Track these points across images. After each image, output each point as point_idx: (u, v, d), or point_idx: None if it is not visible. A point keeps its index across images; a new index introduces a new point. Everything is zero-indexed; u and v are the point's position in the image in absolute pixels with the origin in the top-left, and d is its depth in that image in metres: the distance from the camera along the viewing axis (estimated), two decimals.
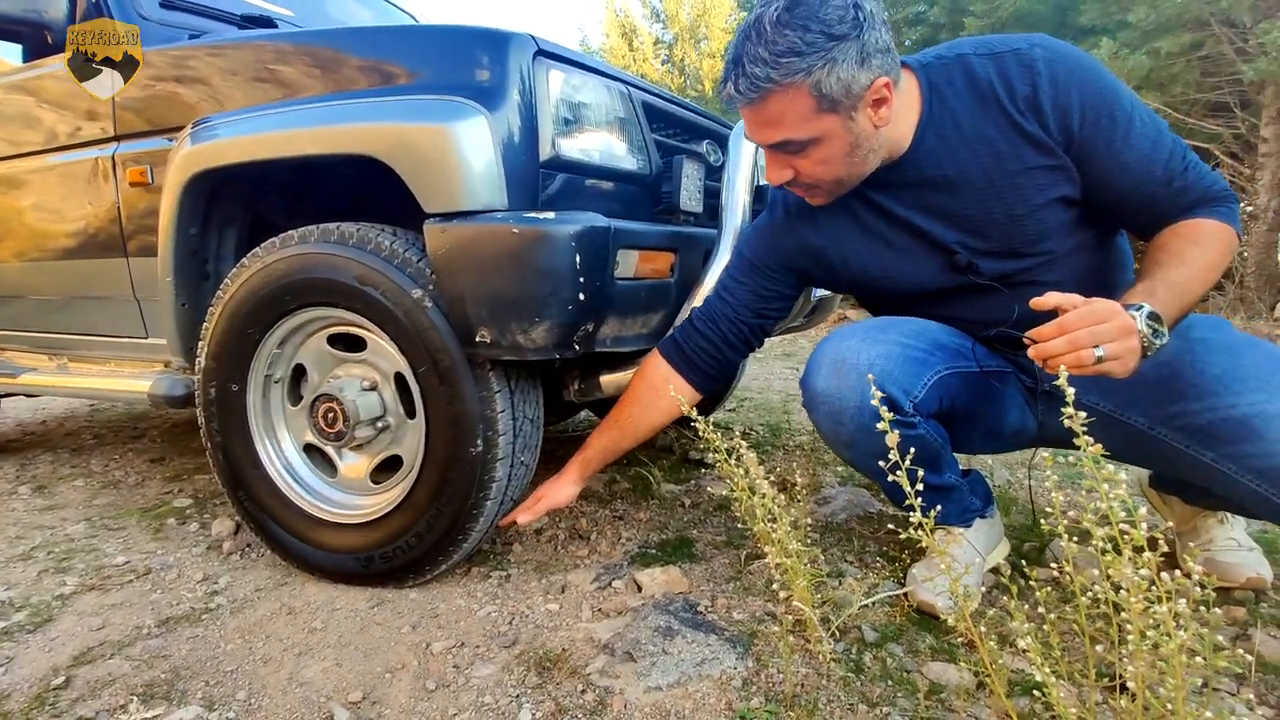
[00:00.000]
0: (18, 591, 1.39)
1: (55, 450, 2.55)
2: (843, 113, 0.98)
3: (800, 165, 1.05)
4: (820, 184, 1.09)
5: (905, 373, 1.10)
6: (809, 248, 1.24)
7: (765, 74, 0.95)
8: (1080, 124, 0.99)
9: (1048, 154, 1.02)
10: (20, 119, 1.77)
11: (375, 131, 1.18)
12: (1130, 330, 0.84)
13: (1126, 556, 0.59)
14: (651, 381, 1.30)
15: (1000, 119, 1.03)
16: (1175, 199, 1.00)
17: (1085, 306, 0.85)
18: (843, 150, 1.03)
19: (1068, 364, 0.82)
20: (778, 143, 1.03)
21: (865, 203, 1.16)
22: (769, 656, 1.05)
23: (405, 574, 1.32)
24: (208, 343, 1.39)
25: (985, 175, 1.05)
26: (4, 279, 1.92)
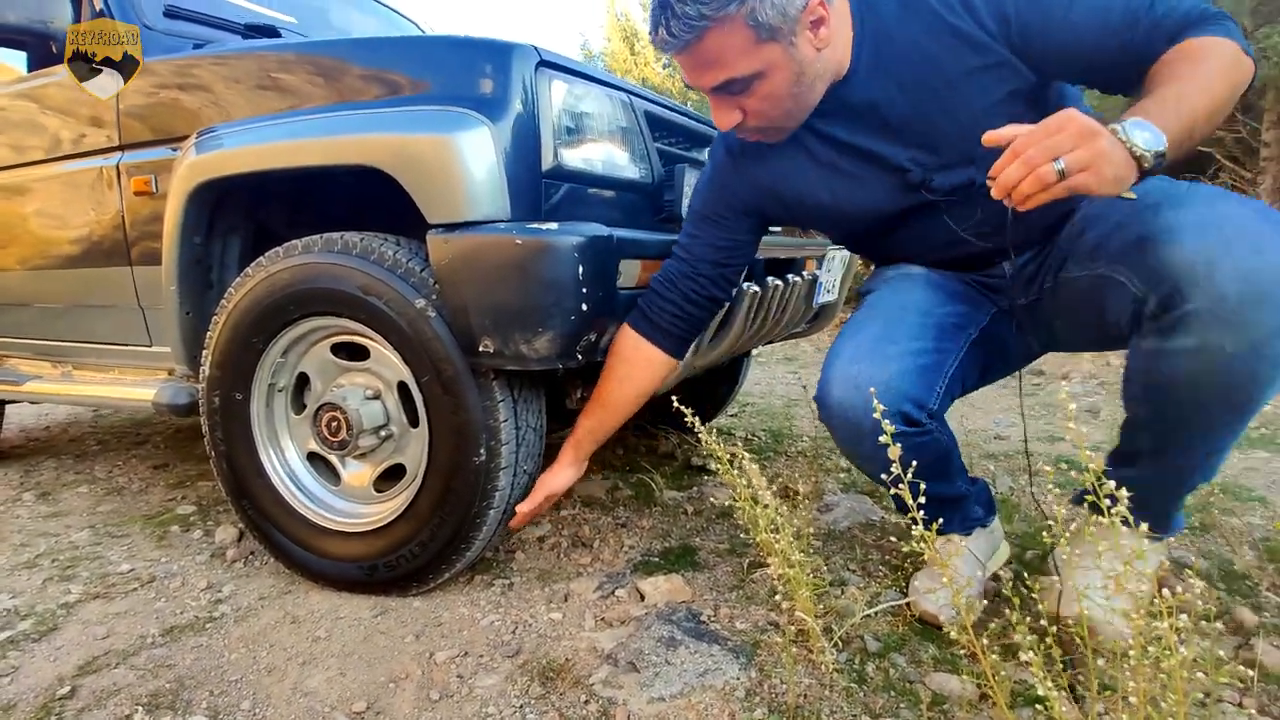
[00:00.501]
0: (23, 599, 1.40)
1: (59, 456, 2.56)
2: (782, 40, 0.94)
3: (748, 104, 1.01)
4: (770, 121, 1.05)
5: (918, 385, 1.08)
6: (761, 187, 1.20)
7: (697, 11, 0.90)
8: (1015, 5, 0.94)
9: (985, 51, 0.97)
10: (25, 128, 1.78)
11: (379, 142, 1.18)
12: (1093, 132, 0.75)
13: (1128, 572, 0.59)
14: (623, 354, 1.27)
15: (932, 22, 0.98)
16: (1149, 37, 0.90)
17: (1040, 123, 0.77)
18: (788, 81, 0.99)
19: (1030, 189, 0.76)
20: (721, 84, 0.99)
21: (813, 133, 1.12)
22: (772, 667, 1.05)
23: (409, 582, 1.33)
24: (212, 351, 1.39)
25: (925, 85, 1.01)
26: (8, 287, 1.93)
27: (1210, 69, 0.85)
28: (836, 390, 1.11)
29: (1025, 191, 0.76)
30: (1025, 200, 0.77)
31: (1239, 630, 1.13)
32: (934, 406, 1.09)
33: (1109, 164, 0.75)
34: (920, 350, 1.12)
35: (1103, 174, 0.75)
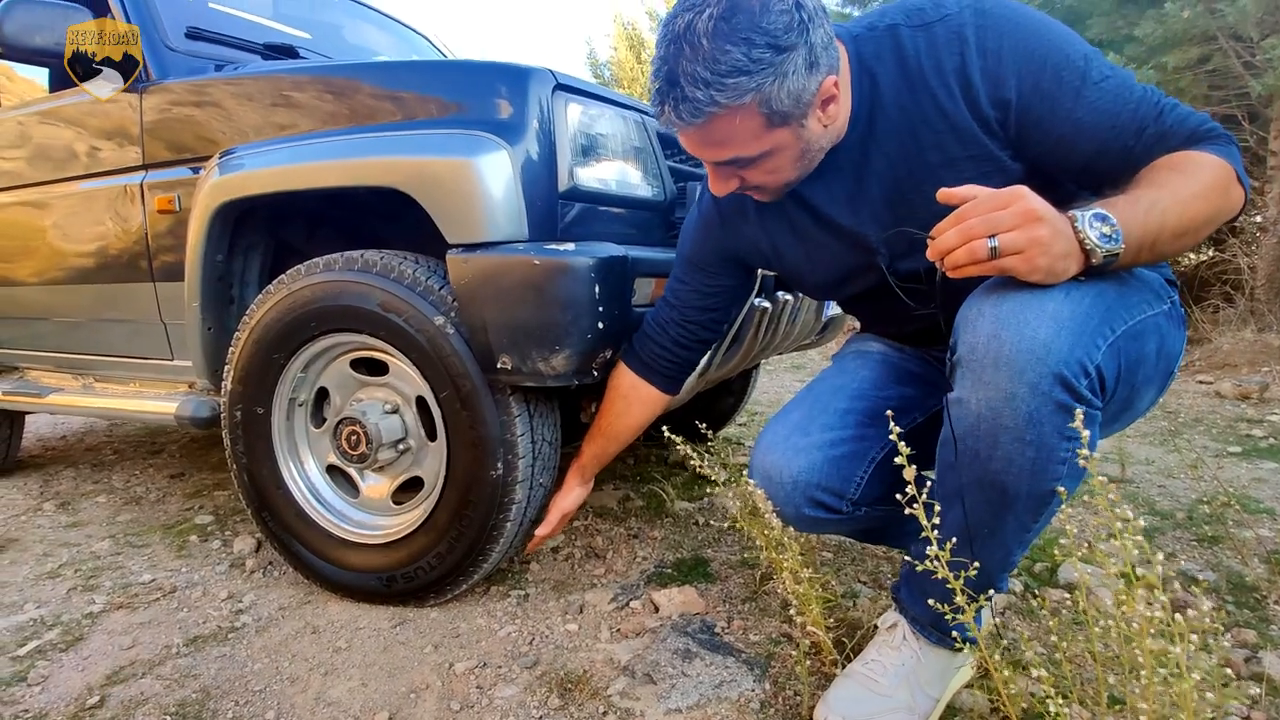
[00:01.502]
0: (49, 609, 1.43)
1: (76, 466, 2.60)
2: (793, 123, 0.91)
3: (749, 175, 0.99)
4: (767, 187, 1.02)
5: (835, 477, 1.05)
6: (746, 240, 1.18)
7: (709, 97, 0.85)
8: (1018, 92, 0.88)
9: (971, 143, 0.92)
10: (51, 146, 1.82)
11: (399, 165, 1.22)
12: (1035, 216, 0.72)
13: (1139, 594, 0.61)
14: (620, 390, 1.29)
15: (926, 103, 0.94)
16: (1151, 147, 0.86)
17: (989, 192, 0.74)
18: (793, 158, 0.96)
19: (961, 259, 0.74)
20: (726, 161, 0.96)
21: (796, 200, 1.09)
22: (786, 679, 1.07)
23: (426, 593, 1.35)
24: (234, 367, 1.42)
25: (907, 164, 0.97)
26: (32, 301, 1.97)
27: (1195, 186, 0.81)
28: (756, 477, 1.11)
29: (957, 260, 0.75)
30: (956, 269, 0.75)
31: (1244, 645, 1.14)
32: (854, 495, 1.06)
33: (1044, 254, 0.73)
34: (835, 440, 1.08)
35: (1034, 262, 0.73)
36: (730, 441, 2.65)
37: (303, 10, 2.41)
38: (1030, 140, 0.91)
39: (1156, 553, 0.63)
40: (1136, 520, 0.62)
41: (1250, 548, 1.50)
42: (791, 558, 1.07)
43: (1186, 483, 2.01)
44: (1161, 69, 4.27)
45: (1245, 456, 2.31)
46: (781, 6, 0.83)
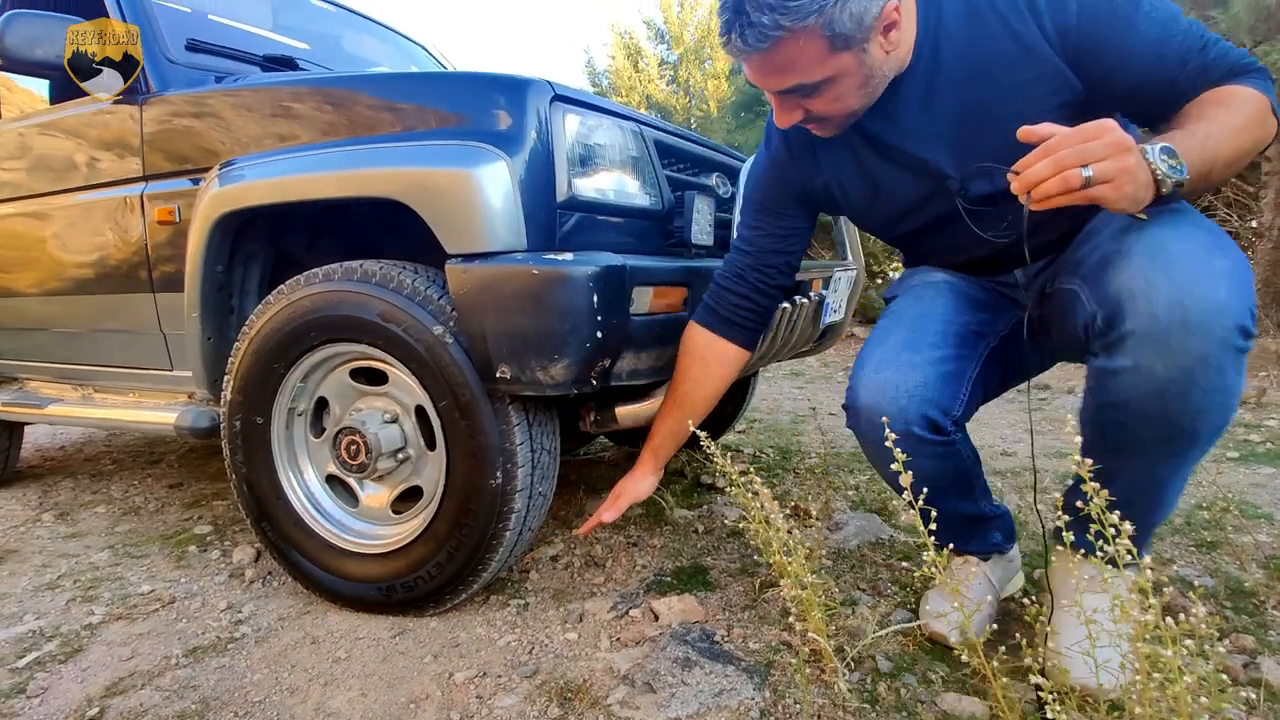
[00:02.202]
0: (48, 621, 1.43)
1: (75, 476, 2.60)
2: (855, 48, 0.93)
3: (812, 105, 1.02)
4: (832, 118, 1.05)
5: (943, 393, 1.09)
6: (812, 181, 1.22)
7: (774, 20, 0.88)
8: (1078, 17, 0.94)
9: (1040, 61, 0.97)
10: (52, 158, 1.83)
11: (399, 176, 1.22)
12: (1125, 147, 0.76)
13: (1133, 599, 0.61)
14: (696, 352, 1.30)
15: (994, 26, 0.98)
16: (1195, 79, 0.91)
17: (1077, 127, 0.78)
18: (856, 84, 0.99)
19: (1052, 189, 0.77)
20: (789, 88, 0.98)
21: (861, 135, 1.13)
22: (786, 687, 1.07)
23: (426, 603, 1.35)
24: (233, 377, 1.43)
25: (978, 88, 1.01)
26: (31, 312, 1.97)
27: (1240, 118, 0.87)
28: (864, 397, 1.13)
29: (1048, 190, 0.77)
30: (1044, 200, 0.78)
31: (1242, 651, 1.14)
32: (958, 414, 1.10)
33: (1132, 182, 0.77)
34: (943, 358, 1.13)
35: (1123, 190, 0.77)
36: (730, 449, 2.65)
37: (302, 21, 2.43)
38: (1084, 64, 0.95)
39: (1145, 556, 0.64)
40: (1125, 524, 0.63)
41: (1248, 553, 1.50)
42: (797, 562, 1.07)
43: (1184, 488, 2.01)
44: None
45: (1243, 461, 2.31)
46: None
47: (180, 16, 1.87)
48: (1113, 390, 0.91)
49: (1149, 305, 0.85)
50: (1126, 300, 0.87)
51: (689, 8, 13.90)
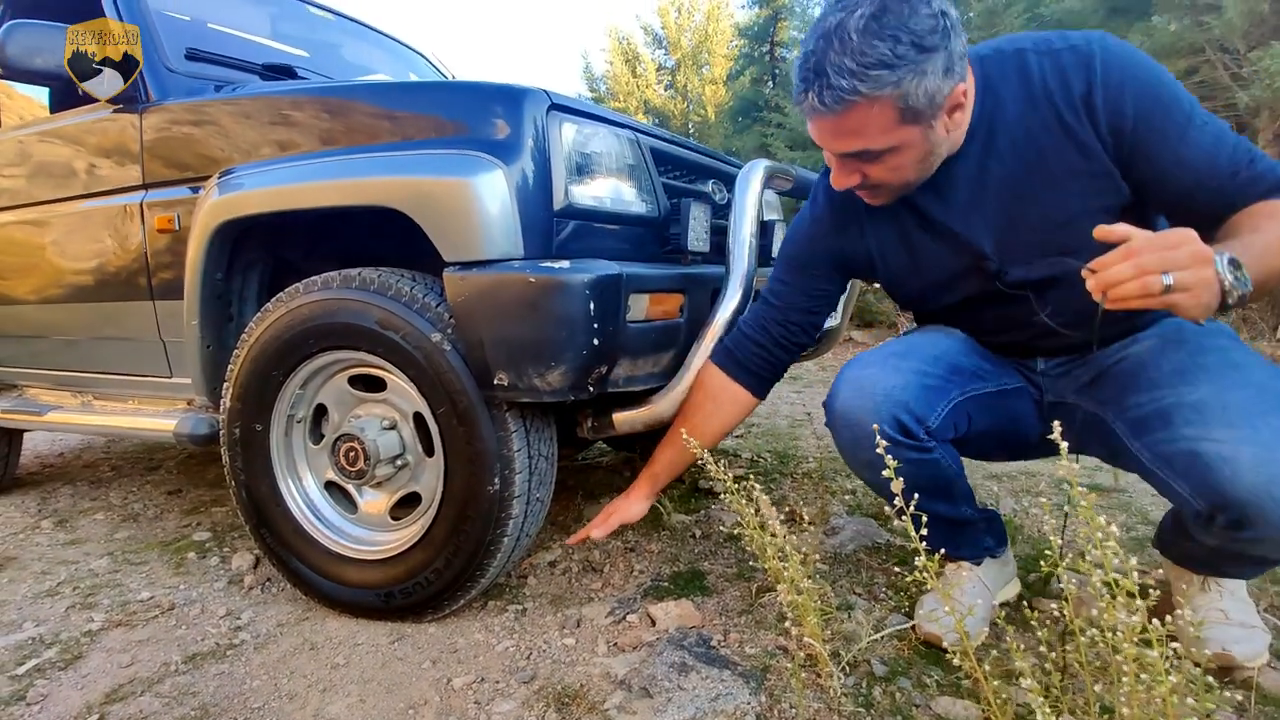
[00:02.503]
0: (47, 628, 1.43)
1: (74, 483, 2.60)
2: (924, 123, 0.97)
3: (871, 171, 1.05)
4: (886, 186, 1.08)
5: (920, 401, 1.12)
6: (855, 248, 1.25)
7: (852, 86, 0.91)
8: (1134, 123, 0.96)
9: (1093, 159, 1.00)
10: (52, 166, 1.84)
11: (397, 185, 1.23)
12: (1206, 259, 0.77)
13: (1120, 602, 0.62)
14: (711, 391, 1.33)
15: (1050, 119, 1.01)
16: (1243, 190, 0.94)
17: (1160, 233, 0.79)
18: (917, 157, 1.02)
19: (1132, 292, 0.77)
20: (854, 152, 1.02)
21: (908, 207, 1.16)
22: (781, 691, 1.08)
23: (424, 609, 1.36)
24: (233, 384, 1.43)
25: (1028, 175, 1.04)
26: (30, 319, 1.98)
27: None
28: (842, 393, 1.18)
29: (1127, 292, 0.78)
30: (1122, 300, 0.79)
31: None
32: (932, 424, 1.12)
33: (1209, 293, 0.78)
34: (928, 373, 1.16)
35: (1200, 299, 0.78)
36: (727, 453, 2.66)
37: (301, 30, 2.44)
38: (1136, 168, 0.99)
39: (1130, 559, 0.65)
40: (1110, 527, 0.64)
41: None
42: (793, 567, 1.08)
43: None
44: None
45: None
46: (928, 11, 0.91)
47: (180, 25, 1.88)
48: (1241, 548, 0.97)
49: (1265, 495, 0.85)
50: (1252, 510, 0.87)
51: (686, 13, 13.96)
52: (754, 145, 9.37)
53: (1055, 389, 1.21)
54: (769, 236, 2.05)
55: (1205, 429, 0.90)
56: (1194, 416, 0.92)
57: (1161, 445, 0.95)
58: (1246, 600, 1.14)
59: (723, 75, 12.75)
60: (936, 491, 1.17)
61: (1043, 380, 1.22)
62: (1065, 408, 1.17)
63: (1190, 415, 0.93)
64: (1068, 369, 1.20)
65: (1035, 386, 1.24)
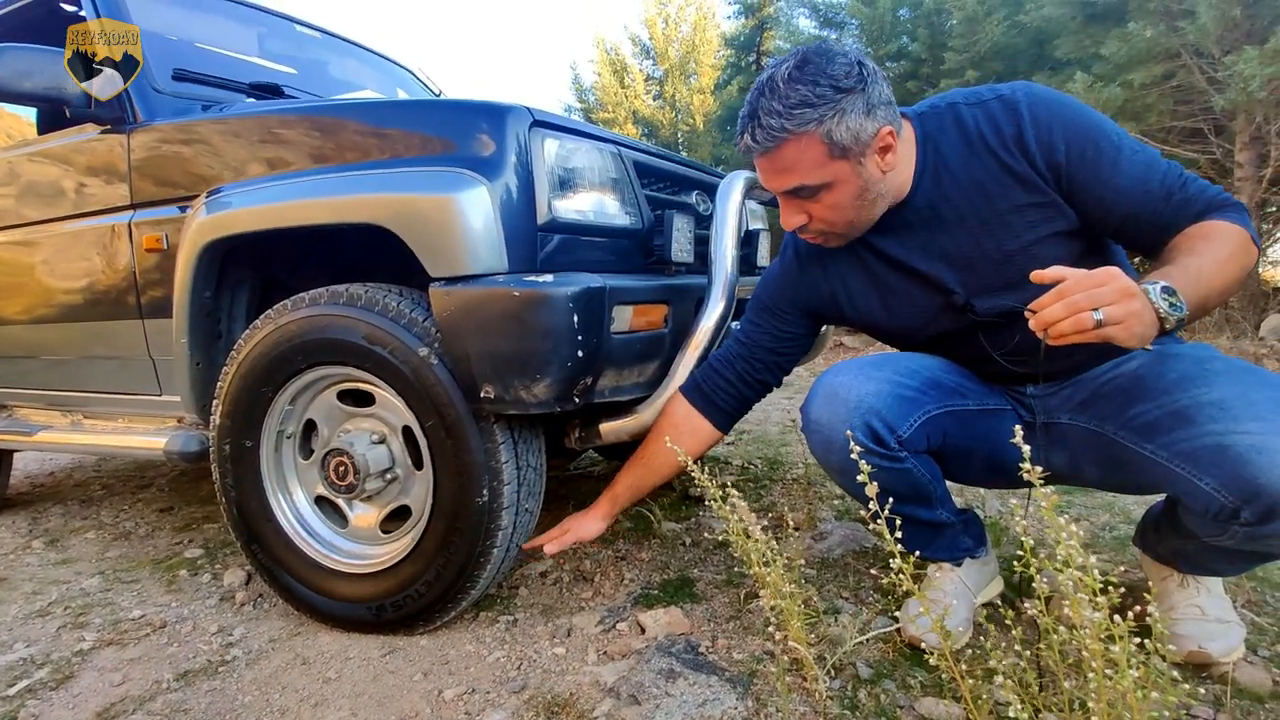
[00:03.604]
0: (38, 648, 1.43)
1: (65, 502, 2.60)
2: (852, 159, 1.05)
3: (813, 210, 1.12)
4: (833, 228, 1.15)
5: (893, 410, 1.15)
6: (819, 291, 1.31)
7: (780, 124, 1.02)
8: (1066, 157, 1.04)
9: (1035, 191, 1.07)
10: (41, 186, 1.85)
11: (382, 202, 1.25)
12: (1131, 293, 0.84)
13: (1087, 599, 0.64)
14: (674, 421, 1.37)
15: (989, 161, 1.09)
16: (1179, 211, 1.02)
17: (1087, 271, 0.86)
18: (853, 194, 1.09)
19: (1067, 329, 0.84)
20: (792, 188, 1.10)
21: (869, 249, 1.23)
22: (768, 696, 1.09)
23: (415, 621, 1.37)
24: (222, 401, 1.44)
25: (977, 215, 1.11)
26: (19, 339, 1.99)
27: (1224, 250, 0.97)
28: (817, 398, 1.22)
29: (1063, 330, 0.85)
30: (1060, 338, 0.86)
31: None
32: (904, 434, 1.15)
33: (1140, 323, 0.85)
34: (903, 384, 1.19)
35: (1132, 330, 0.84)
36: (718, 460, 2.67)
37: (288, 48, 2.46)
38: (1077, 197, 1.06)
39: (1091, 557, 0.67)
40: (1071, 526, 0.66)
41: None
42: (776, 572, 1.09)
43: None
44: (1128, 86, 4.39)
45: None
46: (844, 60, 1.03)
47: (167, 45, 1.90)
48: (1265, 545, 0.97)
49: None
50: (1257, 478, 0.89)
51: (673, 24, 14.06)
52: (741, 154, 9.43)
53: (1046, 409, 1.23)
54: (753, 246, 2.09)
55: (1235, 423, 0.92)
56: (1218, 413, 0.94)
57: (1183, 443, 0.96)
58: (1223, 596, 1.16)
59: (710, 85, 12.84)
60: (912, 498, 1.19)
61: (1034, 403, 1.24)
62: (1059, 428, 1.20)
63: (1215, 412, 0.94)
64: (1057, 390, 1.22)
65: (1027, 409, 1.25)
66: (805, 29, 8.14)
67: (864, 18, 6.72)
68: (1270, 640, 1.17)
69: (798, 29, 8.21)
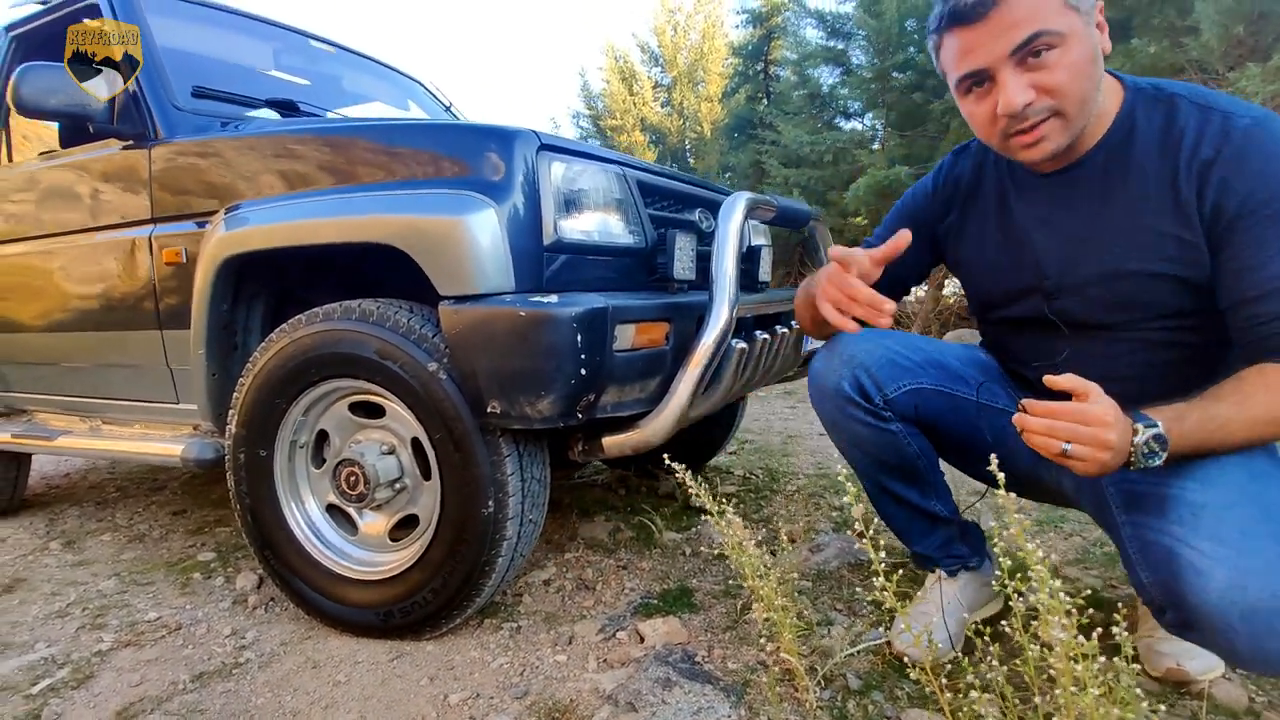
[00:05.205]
0: (59, 648, 1.48)
1: (81, 504, 2.66)
2: (1084, 17, 0.95)
3: (1045, 78, 0.96)
4: (1066, 101, 0.97)
5: (884, 371, 1.22)
6: (945, 217, 1.30)
7: None
8: (1237, 208, 0.93)
9: (1186, 226, 0.98)
10: (65, 199, 1.91)
11: (395, 223, 1.30)
12: (1108, 445, 0.86)
13: (1056, 619, 0.68)
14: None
15: (1167, 172, 0.99)
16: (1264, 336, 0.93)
17: (1083, 406, 0.88)
18: (1087, 57, 0.96)
19: (1036, 444, 0.90)
20: (1027, 38, 0.94)
21: (1002, 201, 1.19)
22: (760, 705, 1.13)
23: (422, 627, 1.41)
24: (238, 411, 1.50)
25: (1119, 217, 1.04)
26: (41, 346, 2.05)
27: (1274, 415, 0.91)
28: (820, 353, 1.31)
29: (1033, 443, 0.90)
30: (1030, 443, 0.91)
31: None
32: (890, 394, 1.21)
33: (1101, 467, 0.88)
34: (901, 354, 1.25)
35: (1088, 469, 0.88)
36: (720, 470, 2.71)
37: (303, 62, 2.52)
38: (1219, 256, 0.97)
39: (1056, 580, 0.71)
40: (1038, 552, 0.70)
41: None
42: (768, 586, 1.13)
43: None
44: None
45: None
46: None
47: (187, 62, 1.96)
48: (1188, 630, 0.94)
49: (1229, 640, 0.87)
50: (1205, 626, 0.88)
51: (682, 31, 14.13)
52: (749, 162, 9.49)
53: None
54: (755, 261, 2.13)
55: (1193, 535, 0.91)
56: (1188, 517, 0.93)
57: (1145, 530, 0.96)
58: None
59: (718, 93, 12.90)
60: (899, 472, 1.25)
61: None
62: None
63: (1185, 514, 0.93)
64: None
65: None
66: (812, 39, 8.19)
67: (871, 29, 6.77)
68: None
69: (805, 39, 8.26)
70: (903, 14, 6.44)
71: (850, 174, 7.18)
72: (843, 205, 7.14)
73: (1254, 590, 0.84)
